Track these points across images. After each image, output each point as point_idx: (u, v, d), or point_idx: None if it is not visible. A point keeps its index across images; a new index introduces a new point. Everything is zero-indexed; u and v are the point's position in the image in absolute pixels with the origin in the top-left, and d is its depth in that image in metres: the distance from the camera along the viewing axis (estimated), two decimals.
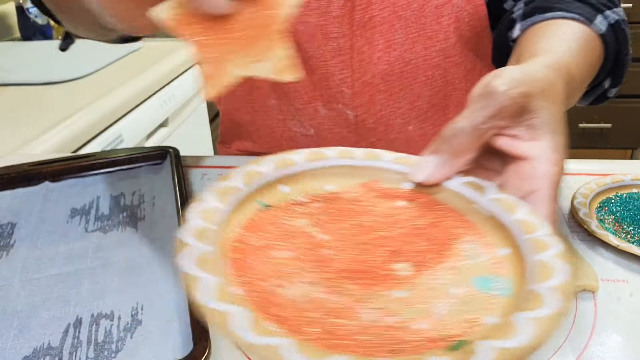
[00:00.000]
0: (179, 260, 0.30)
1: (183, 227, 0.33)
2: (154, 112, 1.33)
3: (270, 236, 0.35)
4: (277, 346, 0.24)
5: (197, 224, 0.33)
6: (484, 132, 0.38)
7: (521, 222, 0.35)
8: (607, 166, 0.72)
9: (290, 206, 0.37)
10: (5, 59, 1.44)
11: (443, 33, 0.69)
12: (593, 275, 0.51)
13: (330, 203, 0.37)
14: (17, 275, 0.55)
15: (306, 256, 0.33)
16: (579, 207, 0.61)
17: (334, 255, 0.33)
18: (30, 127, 1.01)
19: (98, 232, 0.62)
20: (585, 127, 2.52)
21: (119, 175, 0.73)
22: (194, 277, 0.28)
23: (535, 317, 0.26)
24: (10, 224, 0.64)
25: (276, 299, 0.29)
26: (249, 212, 0.36)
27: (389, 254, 0.33)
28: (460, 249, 0.34)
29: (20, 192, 0.70)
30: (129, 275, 0.54)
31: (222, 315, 0.25)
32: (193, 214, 0.34)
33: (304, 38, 0.69)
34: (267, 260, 0.32)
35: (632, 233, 0.57)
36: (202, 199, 0.36)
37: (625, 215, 0.60)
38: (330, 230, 0.35)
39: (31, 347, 0.46)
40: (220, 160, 0.80)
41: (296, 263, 0.32)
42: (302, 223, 0.35)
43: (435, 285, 0.31)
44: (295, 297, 0.29)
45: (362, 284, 0.30)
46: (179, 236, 0.32)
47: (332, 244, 0.34)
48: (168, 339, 0.46)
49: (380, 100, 0.71)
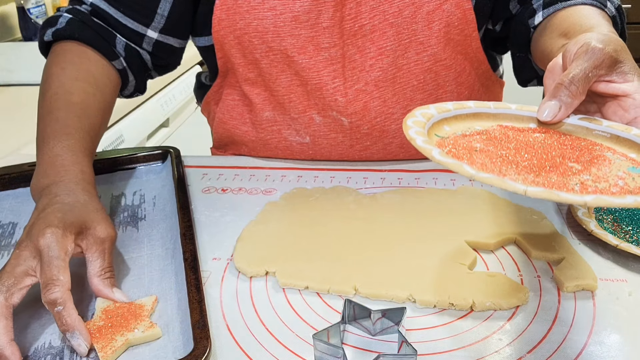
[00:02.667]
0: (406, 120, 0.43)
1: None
2: (154, 112, 1.33)
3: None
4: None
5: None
6: (591, 79, 0.48)
7: (638, 135, 0.46)
8: None
9: (460, 137, 0.45)
10: (7, 60, 1.44)
11: (434, 38, 0.70)
12: (592, 275, 0.52)
13: (486, 135, 0.46)
14: None
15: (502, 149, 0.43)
16: (577, 207, 0.61)
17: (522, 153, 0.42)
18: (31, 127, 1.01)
19: None
20: None
21: (120, 175, 0.73)
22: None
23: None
24: (12, 224, 0.64)
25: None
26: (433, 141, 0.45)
27: (561, 157, 0.42)
28: (604, 156, 0.43)
29: (22, 192, 0.70)
30: (130, 275, 0.55)
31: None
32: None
33: (296, 50, 0.71)
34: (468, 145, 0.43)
35: (630, 233, 0.58)
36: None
37: (624, 215, 0.60)
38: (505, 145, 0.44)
39: (32, 347, 0.47)
40: (220, 160, 0.81)
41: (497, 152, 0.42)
42: (477, 145, 0.43)
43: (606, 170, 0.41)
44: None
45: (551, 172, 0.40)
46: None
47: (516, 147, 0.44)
48: (169, 338, 0.47)
49: (374, 106, 0.73)
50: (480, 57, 0.74)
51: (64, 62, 0.67)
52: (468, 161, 0.40)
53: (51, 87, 0.64)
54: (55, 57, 0.69)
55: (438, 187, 0.69)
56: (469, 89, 0.76)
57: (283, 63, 0.71)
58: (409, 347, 0.42)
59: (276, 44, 0.70)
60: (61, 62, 0.67)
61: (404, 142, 0.75)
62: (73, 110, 0.62)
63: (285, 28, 0.69)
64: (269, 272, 0.55)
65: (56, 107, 0.62)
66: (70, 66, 0.67)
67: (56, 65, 0.67)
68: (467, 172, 0.36)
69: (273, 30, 0.69)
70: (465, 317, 0.49)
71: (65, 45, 0.70)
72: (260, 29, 0.69)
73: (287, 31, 0.69)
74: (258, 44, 0.71)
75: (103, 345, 0.45)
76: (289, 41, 0.70)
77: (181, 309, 0.49)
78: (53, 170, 0.56)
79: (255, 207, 0.66)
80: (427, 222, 0.61)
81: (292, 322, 0.49)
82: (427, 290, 0.50)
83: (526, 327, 0.47)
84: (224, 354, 0.46)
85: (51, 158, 0.57)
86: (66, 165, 0.56)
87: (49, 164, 0.56)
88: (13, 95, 1.20)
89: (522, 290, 0.50)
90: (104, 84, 0.68)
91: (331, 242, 0.58)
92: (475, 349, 0.45)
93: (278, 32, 0.69)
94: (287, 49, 0.70)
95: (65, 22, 0.70)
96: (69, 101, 0.62)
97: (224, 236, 0.61)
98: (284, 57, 0.71)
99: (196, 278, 0.51)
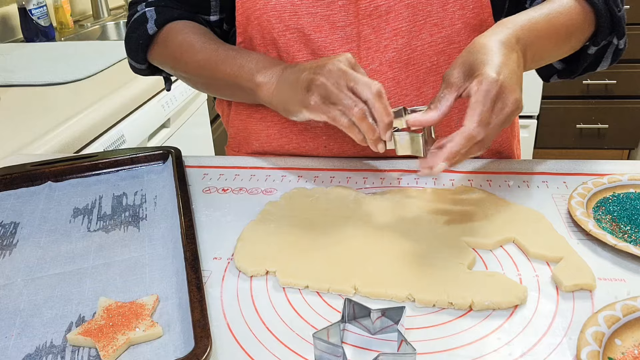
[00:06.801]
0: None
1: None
2: (155, 112, 1.34)
3: None
4: None
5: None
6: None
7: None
8: (604, 166, 0.73)
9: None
10: (8, 60, 1.45)
11: (448, 19, 0.71)
12: (590, 274, 0.52)
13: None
14: (19, 274, 0.56)
15: None
16: (576, 206, 0.61)
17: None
18: (32, 127, 1.01)
19: (100, 231, 0.62)
20: (582, 127, 2.53)
21: (121, 175, 0.74)
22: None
23: None
24: (13, 224, 0.64)
25: None
26: None
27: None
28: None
29: (23, 191, 0.70)
30: (131, 275, 0.55)
31: None
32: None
33: (312, 28, 0.72)
34: None
35: (629, 232, 0.58)
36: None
37: (623, 214, 0.61)
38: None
39: (34, 346, 0.47)
40: (220, 160, 0.81)
41: None
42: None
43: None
44: None
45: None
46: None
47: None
48: (170, 337, 0.47)
49: (387, 87, 0.73)
50: None
51: (191, 34, 0.77)
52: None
53: (207, 50, 0.75)
54: (175, 35, 0.78)
55: (437, 187, 0.70)
56: None
57: (299, 42, 0.73)
58: (408, 345, 0.43)
59: (293, 22, 0.72)
60: (188, 34, 0.77)
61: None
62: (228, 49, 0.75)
63: (302, 6, 0.71)
64: (269, 271, 0.55)
65: (223, 55, 0.74)
66: (199, 34, 0.78)
67: (189, 36, 0.77)
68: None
69: (290, 8, 0.72)
70: (464, 316, 0.49)
71: (173, 27, 0.79)
72: (279, 8, 0.72)
73: (304, 9, 0.71)
74: (276, 22, 0.73)
75: (104, 344, 0.45)
76: (305, 19, 0.72)
77: (182, 308, 0.49)
78: (271, 63, 0.71)
79: (255, 207, 0.66)
80: (427, 221, 0.61)
81: (293, 321, 0.49)
82: (426, 289, 0.51)
83: (525, 327, 0.47)
84: (225, 353, 0.46)
85: (258, 61, 0.71)
86: (272, 60, 0.72)
87: (262, 63, 0.71)
88: (14, 96, 1.21)
89: (521, 289, 0.50)
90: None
91: (331, 241, 0.58)
92: (474, 348, 0.45)
93: (295, 10, 0.72)
94: (303, 27, 0.72)
95: (156, 13, 0.79)
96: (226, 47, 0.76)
97: (224, 236, 0.61)
98: (300, 36, 0.73)
99: (197, 277, 0.51)
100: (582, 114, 2.51)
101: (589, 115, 2.51)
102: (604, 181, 0.66)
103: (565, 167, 0.73)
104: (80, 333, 0.47)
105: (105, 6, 2.12)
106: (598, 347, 0.42)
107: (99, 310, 0.49)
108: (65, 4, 1.90)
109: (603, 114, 2.50)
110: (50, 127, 1.02)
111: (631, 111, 2.48)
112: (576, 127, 2.53)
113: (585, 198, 0.63)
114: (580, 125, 2.52)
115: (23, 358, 0.45)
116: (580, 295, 0.51)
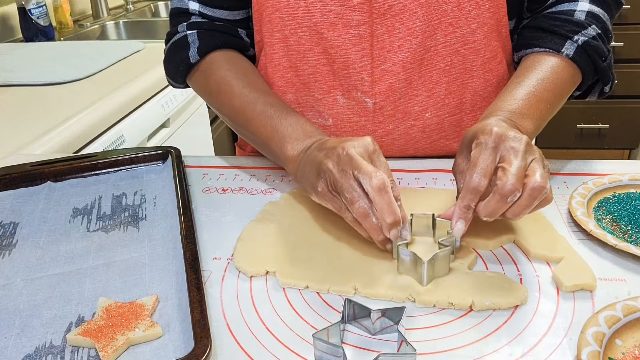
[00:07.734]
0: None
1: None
2: (155, 112, 1.33)
3: None
4: None
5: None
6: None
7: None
8: (604, 166, 0.73)
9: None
10: (8, 60, 1.45)
11: (464, 19, 0.71)
12: (591, 275, 0.52)
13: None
14: (19, 275, 0.55)
15: None
16: (576, 206, 0.61)
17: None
18: (32, 127, 1.01)
19: (100, 231, 0.62)
20: (583, 127, 2.53)
21: (121, 175, 0.74)
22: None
23: None
24: (13, 224, 0.64)
25: None
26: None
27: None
28: None
29: (23, 191, 0.70)
30: (131, 275, 0.55)
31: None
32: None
33: (326, 26, 0.72)
34: None
35: (629, 233, 0.58)
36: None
37: (623, 215, 0.60)
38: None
39: (33, 346, 0.47)
40: (220, 160, 0.81)
41: None
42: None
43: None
44: None
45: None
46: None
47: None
48: (169, 337, 0.47)
49: (399, 88, 0.73)
50: (509, 48, 0.75)
51: (232, 72, 0.75)
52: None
53: (248, 96, 0.72)
54: (217, 69, 0.76)
55: (438, 187, 0.70)
56: (498, 78, 0.75)
57: (312, 40, 0.73)
58: (408, 346, 0.42)
59: (306, 20, 0.72)
60: (229, 71, 0.75)
61: (425, 126, 0.75)
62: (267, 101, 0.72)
63: (315, 4, 0.71)
64: (269, 271, 0.55)
65: (260, 110, 0.71)
66: (240, 74, 0.75)
67: (229, 75, 0.75)
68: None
69: (304, 6, 0.71)
70: (464, 316, 0.49)
71: (215, 59, 0.76)
72: (292, 5, 0.72)
73: (318, 7, 0.71)
74: (288, 20, 0.72)
75: (104, 345, 0.45)
76: (319, 17, 0.71)
77: (182, 308, 0.49)
78: (304, 134, 0.66)
79: (255, 207, 0.66)
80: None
81: (292, 322, 0.49)
82: (426, 289, 0.51)
83: (525, 327, 0.47)
84: (225, 353, 0.46)
85: (293, 129, 0.67)
86: (307, 130, 0.67)
87: (296, 132, 0.67)
88: (14, 96, 1.21)
89: (521, 289, 0.50)
90: (257, 75, 0.78)
91: (331, 241, 0.58)
92: (475, 349, 0.45)
93: (308, 7, 0.71)
94: (317, 25, 0.72)
95: (198, 39, 0.76)
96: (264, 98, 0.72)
97: (224, 236, 0.61)
98: (313, 34, 0.72)
99: (197, 277, 0.51)
100: (582, 114, 2.51)
101: (589, 115, 2.51)
102: (604, 181, 0.66)
103: (566, 167, 0.73)
104: (80, 333, 0.46)
105: (104, 6, 2.12)
106: (598, 347, 0.42)
107: (99, 310, 0.49)
108: (64, 3, 1.90)
109: (603, 114, 2.50)
110: (50, 127, 1.02)
111: (632, 111, 2.48)
112: (577, 127, 2.53)
113: (586, 198, 0.63)
114: (581, 125, 2.53)
115: (22, 358, 0.45)
116: (580, 295, 0.51)
